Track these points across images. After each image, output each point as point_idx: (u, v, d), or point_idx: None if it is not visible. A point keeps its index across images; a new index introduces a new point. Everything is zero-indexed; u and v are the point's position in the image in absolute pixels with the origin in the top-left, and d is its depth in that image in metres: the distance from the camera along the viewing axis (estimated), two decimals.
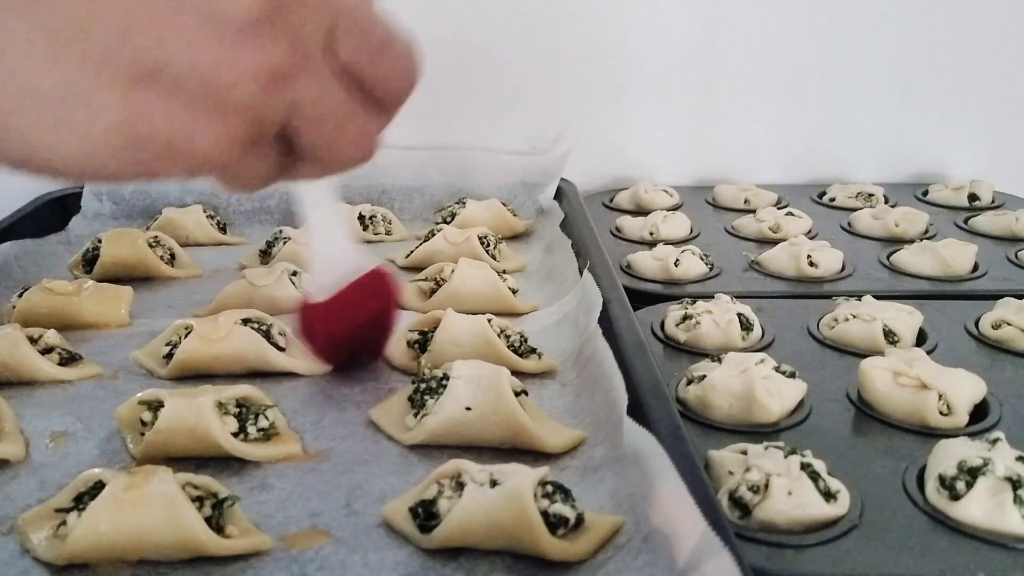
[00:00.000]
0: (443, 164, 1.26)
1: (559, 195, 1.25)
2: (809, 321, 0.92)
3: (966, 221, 1.26)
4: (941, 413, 0.73)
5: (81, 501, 0.56)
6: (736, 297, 0.92)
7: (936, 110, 1.42)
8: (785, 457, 0.62)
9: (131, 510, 0.54)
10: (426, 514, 0.57)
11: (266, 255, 1.05)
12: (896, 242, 1.16)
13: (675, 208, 1.31)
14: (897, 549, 0.58)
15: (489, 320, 0.81)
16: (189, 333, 0.79)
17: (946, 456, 0.64)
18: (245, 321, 0.79)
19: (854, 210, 1.28)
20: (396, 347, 0.83)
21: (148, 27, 0.30)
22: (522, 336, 0.82)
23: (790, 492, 0.60)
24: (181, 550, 0.55)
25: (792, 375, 0.76)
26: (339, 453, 0.68)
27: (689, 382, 0.76)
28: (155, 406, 0.66)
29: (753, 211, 1.25)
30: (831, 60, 1.39)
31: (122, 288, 0.93)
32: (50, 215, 1.18)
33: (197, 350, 0.77)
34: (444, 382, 0.69)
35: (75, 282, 0.91)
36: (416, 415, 0.69)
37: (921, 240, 1.14)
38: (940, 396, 0.73)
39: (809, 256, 1.05)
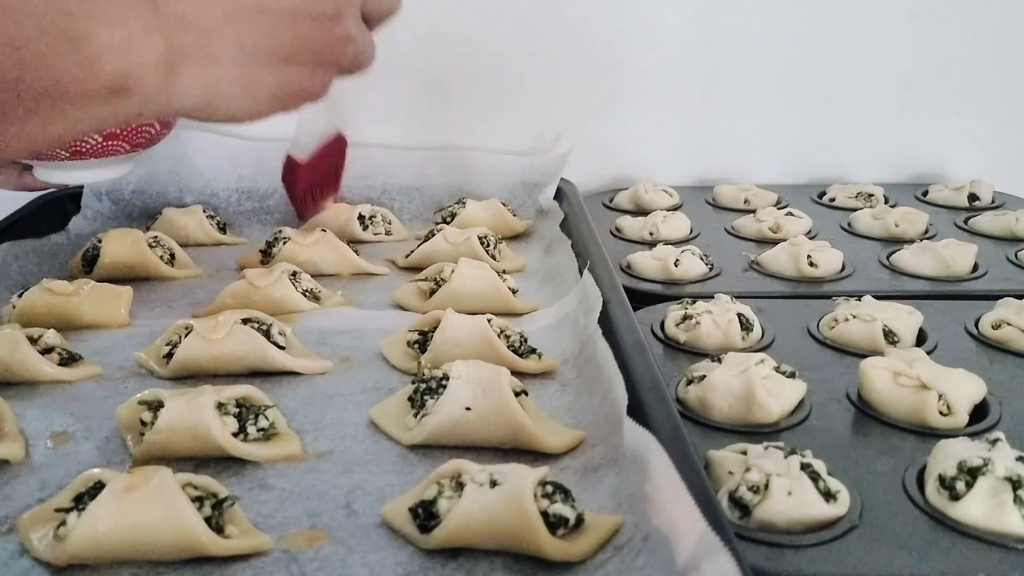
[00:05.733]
0: (443, 164, 1.26)
1: (559, 195, 1.25)
2: (809, 321, 0.92)
3: (966, 221, 1.26)
4: (941, 413, 0.73)
5: (81, 501, 0.56)
6: (736, 297, 0.92)
7: (936, 110, 1.42)
8: (785, 457, 0.62)
9: (131, 510, 0.54)
10: (426, 514, 0.57)
11: (266, 255, 1.05)
12: (896, 242, 1.16)
13: (675, 208, 1.31)
14: (897, 549, 0.58)
15: (489, 320, 0.81)
16: (189, 333, 0.79)
17: (946, 456, 0.64)
18: (245, 321, 0.79)
19: (854, 210, 1.28)
20: (396, 347, 0.84)
21: (286, 30, 0.55)
22: (522, 336, 0.82)
23: (790, 492, 0.60)
24: (181, 550, 0.55)
25: (792, 375, 0.76)
26: (339, 453, 0.68)
27: (689, 382, 0.76)
28: (155, 406, 0.66)
29: (753, 211, 1.25)
30: (831, 60, 1.38)
31: (122, 288, 0.93)
32: (50, 215, 1.17)
33: (197, 350, 0.77)
34: (444, 382, 0.69)
35: (75, 282, 0.91)
36: (416, 415, 0.69)
37: (921, 240, 1.13)
38: (940, 396, 0.73)
39: (809, 256, 1.05)
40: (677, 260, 1.04)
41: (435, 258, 1.02)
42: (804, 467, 0.61)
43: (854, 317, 0.88)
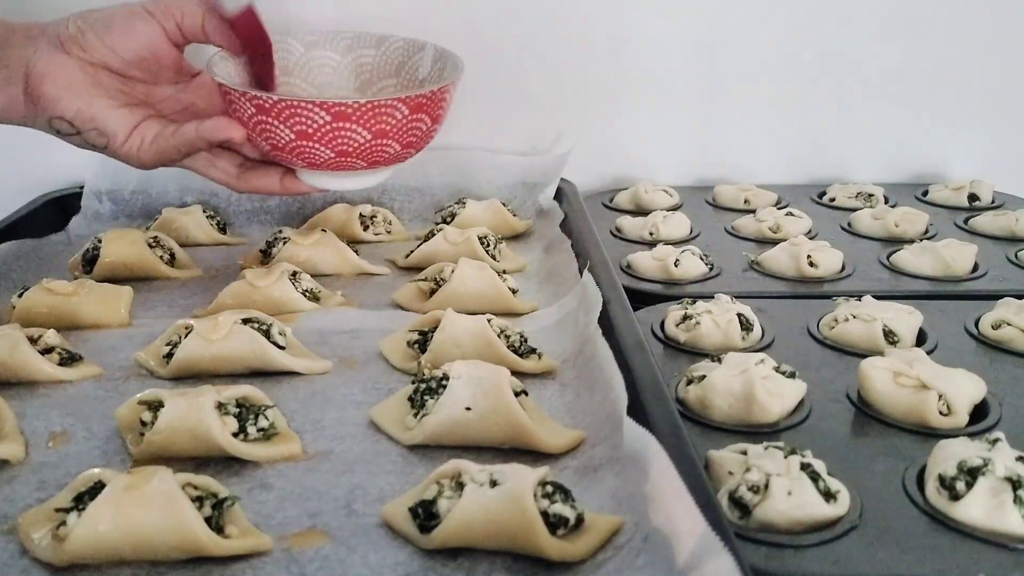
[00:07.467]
0: (443, 164, 1.26)
1: (559, 195, 1.25)
2: (809, 321, 0.92)
3: (966, 221, 1.26)
4: (941, 413, 0.73)
5: (81, 501, 0.56)
6: (736, 297, 0.92)
7: (936, 110, 1.42)
8: (785, 457, 0.62)
9: (131, 510, 0.54)
10: (426, 514, 0.57)
11: (266, 255, 1.05)
12: (896, 242, 1.16)
13: (675, 208, 1.31)
14: (897, 549, 0.58)
15: (489, 320, 0.81)
16: (189, 333, 0.79)
17: (946, 456, 0.64)
18: (245, 321, 0.79)
19: (854, 210, 1.28)
20: (396, 347, 0.84)
21: None
22: (522, 336, 0.82)
23: (790, 492, 0.60)
24: (181, 550, 0.55)
25: (792, 375, 0.76)
26: (339, 453, 0.68)
27: (689, 382, 0.76)
28: (155, 406, 0.66)
29: (753, 211, 1.25)
30: (831, 60, 1.38)
31: (122, 288, 0.93)
32: (50, 215, 1.18)
33: (197, 350, 0.77)
34: (444, 382, 0.69)
35: (75, 282, 0.91)
36: (416, 415, 0.69)
37: (921, 240, 1.13)
38: (940, 396, 0.73)
39: (809, 256, 1.05)
40: (677, 260, 1.04)
41: (435, 258, 1.02)
42: (804, 467, 0.61)
43: (854, 317, 0.88)
